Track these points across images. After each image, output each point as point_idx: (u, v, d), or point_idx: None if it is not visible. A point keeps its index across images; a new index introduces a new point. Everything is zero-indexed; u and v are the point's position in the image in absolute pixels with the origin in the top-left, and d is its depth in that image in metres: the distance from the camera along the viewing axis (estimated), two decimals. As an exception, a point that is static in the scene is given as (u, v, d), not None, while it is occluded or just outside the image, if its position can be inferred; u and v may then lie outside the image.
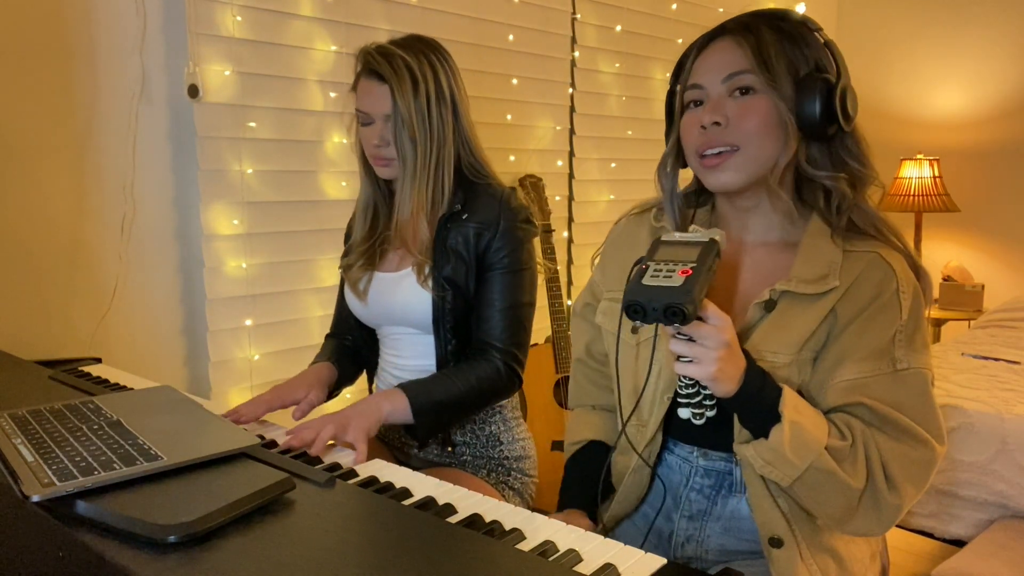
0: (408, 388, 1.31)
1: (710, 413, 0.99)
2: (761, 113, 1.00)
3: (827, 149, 1.04)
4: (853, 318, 0.99)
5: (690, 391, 0.98)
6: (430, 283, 1.38)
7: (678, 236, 0.92)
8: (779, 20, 1.03)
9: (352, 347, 1.57)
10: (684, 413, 0.99)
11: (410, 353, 1.46)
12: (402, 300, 1.42)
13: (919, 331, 1.00)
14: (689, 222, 1.13)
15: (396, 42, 1.39)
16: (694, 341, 0.88)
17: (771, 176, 1.02)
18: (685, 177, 1.15)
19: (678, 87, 1.10)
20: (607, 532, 1.14)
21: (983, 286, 3.41)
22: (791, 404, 0.94)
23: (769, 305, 1.02)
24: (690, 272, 0.85)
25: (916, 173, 3.52)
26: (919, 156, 3.53)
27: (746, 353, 0.95)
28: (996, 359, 2.38)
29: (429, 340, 1.43)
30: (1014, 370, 2.26)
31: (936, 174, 3.51)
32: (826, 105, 0.99)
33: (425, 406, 1.31)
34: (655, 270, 0.87)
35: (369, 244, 1.47)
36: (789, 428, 0.92)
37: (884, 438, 0.96)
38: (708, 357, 0.88)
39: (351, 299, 1.49)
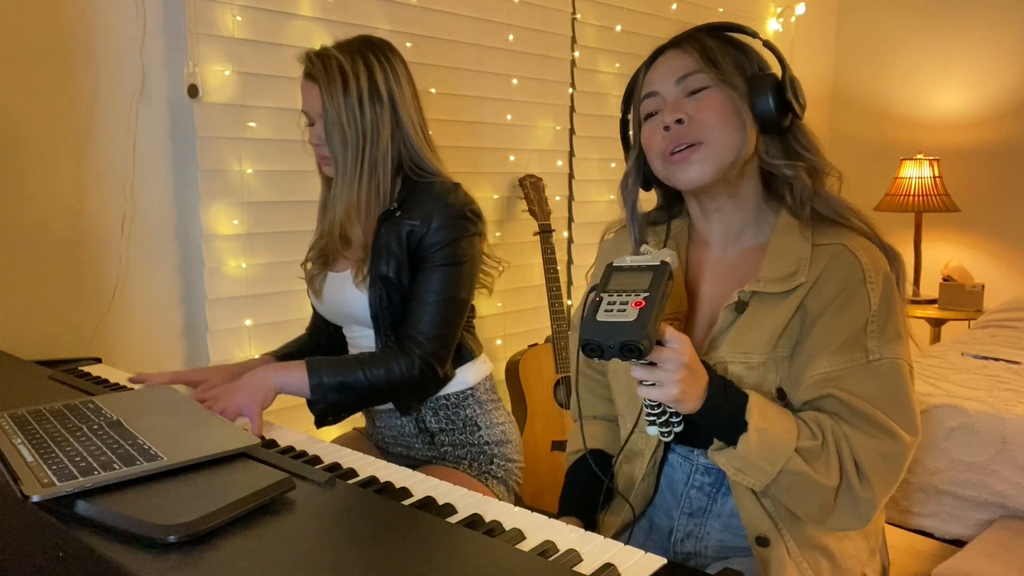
0: (311, 363, 1.31)
1: (677, 429, 1.00)
2: (717, 106, 1.02)
3: (781, 143, 1.07)
4: (822, 311, 1.00)
5: (656, 411, 0.99)
6: (366, 283, 1.40)
7: (629, 261, 0.92)
8: (717, 30, 1.08)
9: (327, 347, 1.60)
10: (652, 431, 1.00)
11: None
12: (346, 300, 1.44)
13: (891, 320, 1.00)
14: (665, 235, 1.15)
15: (339, 44, 1.40)
16: (655, 364, 0.89)
17: (732, 169, 1.04)
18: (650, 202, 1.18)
19: (631, 112, 1.14)
20: (616, 537, 1.14)
21: (983, 286, 3.40)
22: (757, 411, 0.94)
23: (740, 307, 1.03)
24: (643, 304, 0.85)
25: (916, 173, 3.52)
26: (919, 156, 3.53)
27: (707, 366, 0.96)
28: (996, 359, 2.38)
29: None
30: (1014, 370, 2.26)
31: (936, 174, 3.51)
32: (779, 96, 1.02)
33: (323, 384, 1.30)
34: (609, 303, 0.87)
35: (324, 243, 1.48)
36: (756, 435, 0.93)
37: (854, 432, 0.97)
38: (670, 380, 0.89)
39: (311, 297, 1.53)
